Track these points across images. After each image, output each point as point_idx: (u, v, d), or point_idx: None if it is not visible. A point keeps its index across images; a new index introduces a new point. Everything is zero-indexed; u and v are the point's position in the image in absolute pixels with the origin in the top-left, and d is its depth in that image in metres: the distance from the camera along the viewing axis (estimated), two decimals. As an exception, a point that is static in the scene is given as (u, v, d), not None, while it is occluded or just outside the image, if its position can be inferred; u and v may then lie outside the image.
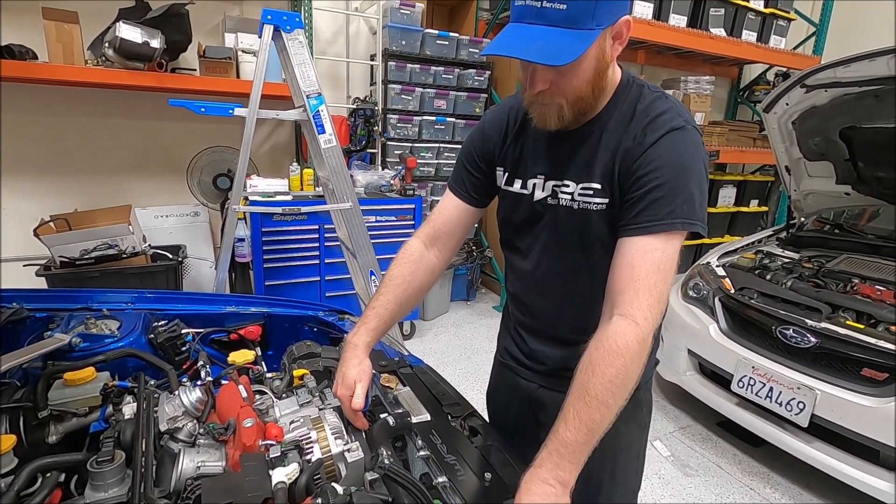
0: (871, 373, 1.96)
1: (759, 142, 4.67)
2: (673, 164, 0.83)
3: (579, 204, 0.92)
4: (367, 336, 1.02)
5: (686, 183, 0.82)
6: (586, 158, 0.92)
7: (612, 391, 0.76)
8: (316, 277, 3.15)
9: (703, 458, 2.45)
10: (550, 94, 0.84)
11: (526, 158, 1.01)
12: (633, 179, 0.85)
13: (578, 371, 0.80)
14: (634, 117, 0.88)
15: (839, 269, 2.56)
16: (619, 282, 0.83)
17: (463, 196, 1.11)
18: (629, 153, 0.86)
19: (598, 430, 0.76)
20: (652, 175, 0.83)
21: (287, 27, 2.16)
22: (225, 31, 3.17)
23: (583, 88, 0.84)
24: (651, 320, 0.79)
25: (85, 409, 1.03)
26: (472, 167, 1.09)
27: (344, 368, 0.97)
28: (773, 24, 4.57)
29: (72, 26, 2.61)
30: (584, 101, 0.86)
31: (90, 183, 3.25)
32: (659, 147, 0.84)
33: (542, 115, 0.88)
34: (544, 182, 0.97)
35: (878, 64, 2.11)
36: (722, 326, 2.49)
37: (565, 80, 0.82)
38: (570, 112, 0.86)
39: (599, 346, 0.79)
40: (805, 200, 3.09)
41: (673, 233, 0.82)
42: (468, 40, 3.77)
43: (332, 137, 2.32)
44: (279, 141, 3.82)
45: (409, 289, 1.07)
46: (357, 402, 0.93)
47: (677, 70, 4.95)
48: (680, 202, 0.81)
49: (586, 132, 0.92)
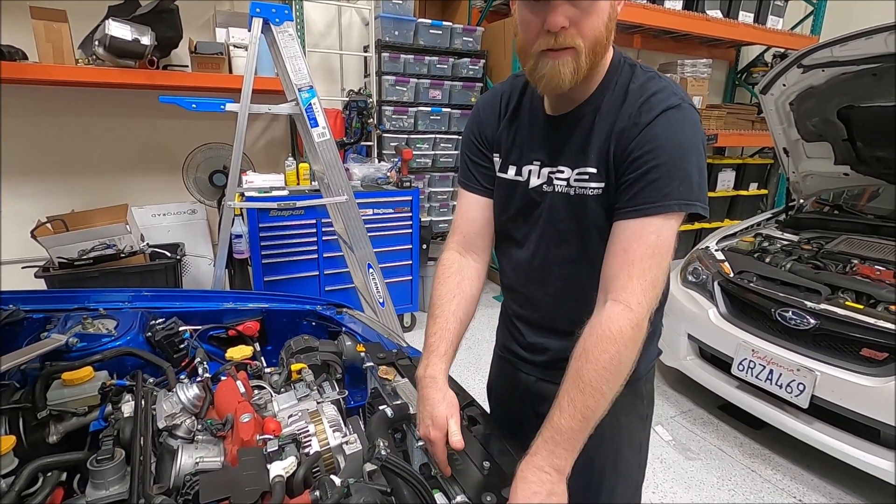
0: (871, 353, 1.97)
1: (758, 124, 4.64)
2: (670, 144, 0.80)
3: (575, 190, 0.90)
4: (440, 364, 0.93)
5: (683, 163, 0.80)
6: (580, 142, 0.89)
7: (607, 378, 0.75)
8: (315, 272, 3.15)
9: (705, 442, 2.46)
10: (569, 34, 0.78)
11: (521, 145, 0.98)
12: (629, 161, 0.82)
13: (573, 358, 0.79)
14: (628, 97, 0.85)
15: (838, 249, 2.55)
16: (612, 266, 0.82)
17: (476, 189, 1.06)
18: (624, 134, 0.83)
19: (593, 416, 0.76)
20: (648, 156, 0.80)
21: (276, 20, 2.14)
22: (216, 26, 3.14)
23: (601, 30, 0.79)
24: (645, 305, 0.78)
25: (84, 408, 1.03)
26: (476, 157, 1.05)
27: (429, 408, 0.87)
28: (770, 4, 4.52)
29: (61, 25, 2.59)
30: (600, 49, 0.81)
31: (86, 183, 3.25)
32: (655, 127, 0.81)
33: (555, 70, 0.80)
34: (540, 169, 0.95)
35: (876, 41, 2.08)
36: (721, 310, 2.49)
37: (586, 16, 0.77)
38: (586, 61, 0.80)
39: (593, 332, 0.78)
40: (804, 182, 3.08)
41: (669, 214, 0.79)
42: (462, 29, 3.74)
43: (325, 131, 2.31)
44: (275, 136, 3.80)
45: (461, 301, 1.00)
46: (456, 440, 0.84)
47: (674, 54, 4.91)
48: (677, 184, 0.79)
49: (579, 115, 0.90)
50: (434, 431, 0.85)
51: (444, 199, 4.02)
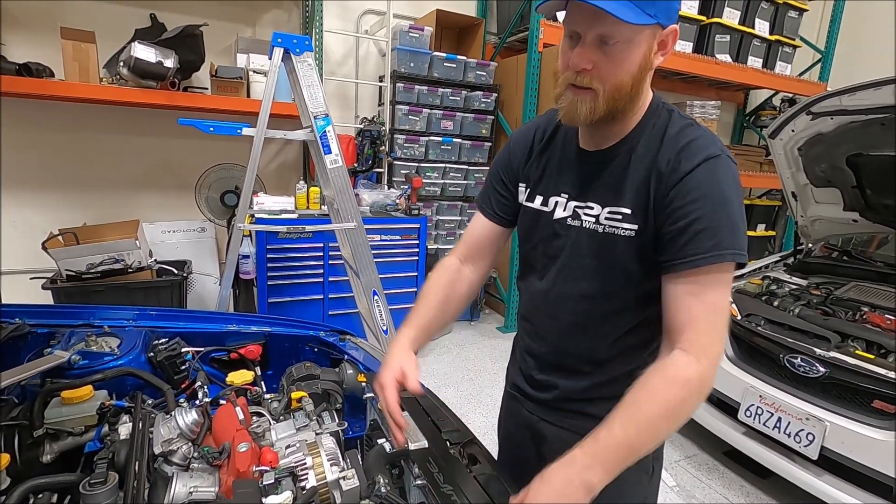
0: (882, 405, 1.92)
1: (766, 166, 4.68)
2: (713, 193, 0.79)
3: (605, 228, 0.89)
4: (410, 332, 1.01)
5: (729, 212, 0.79)
6: (614, 181, 0.89)
7: (667, 419, 0.76)
8: (319, 295, 3.15)
9: (710, 489, 2.39)
10: (590, 76, 0.80)
11: (550, 176, 0.99)
12: (672, 210, 0.81)
13: (632, 391, 0.77)
14: (664, 142, 0.85)
15: (848, 296, 2.52)
16: (675, 319, 0.81)
17: (489, 215, 1.10)
18: (664, 179, 0.82)
19: (639, 452, 0.75)
20: (693, 206, 0.79)
21: (297, 50, 2.20)
22: (237, 52, 3.24)
23: (624, 80, 0.80)
24: (714, 358, 0.78)
25: (81, 427, 1.02)
26: (498, 186, 1.09)
27: (387, 358, 0.95)
28: (778, 50, 4.62)
29: (88, 45, 2.68)
30: (621, 97, 0.81)
31: (100, 197, 3.30)
32: (697, 175, 0.80)
33: (573, 106, 0.83)
34: (567, 202, 0.95)
35: (884, 93, 2.11)
36: (729, 353, 2.45)
37: (611, 63, 0.79)
38: (603, 104, 0.81)
39: (659, 373, 0.78)
40: (812, 226, 3.07)
41: (723, 265, 0.79)
42: (476, 63, 3.83)
43: (338, 158, 2.34)
44: (287, 159, 3.87)
45: (449, 295, 1.07)
46: (413, 385, 0.90)
47: (683, 94, 4.99)
48: (725, 233, 0.78)
49: (614, 153, 0.90)
50: (387, 373, 0.90)
51: (451, 227, 4.04)
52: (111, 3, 3.08)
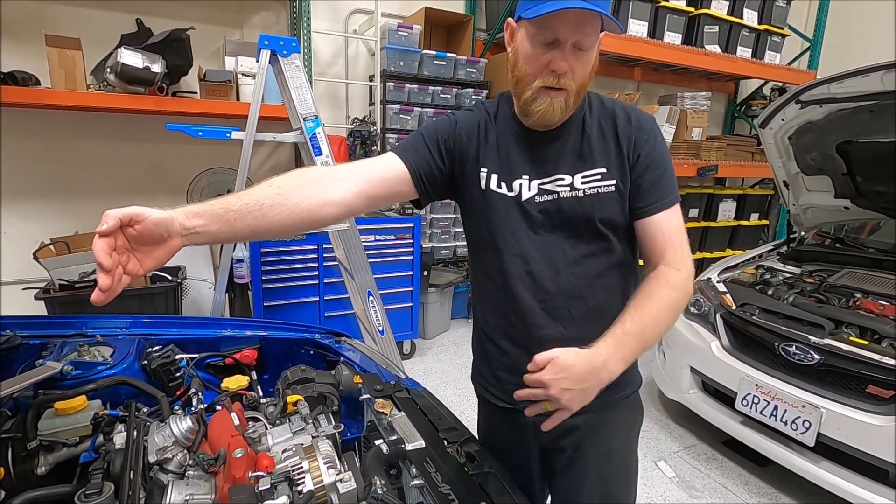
0: (877, 390, 1.93)
1: (758, 156, 4.69)
2: (663, 152, 1.01)
3: (585, 191, 0.98)
4: (185, 209, 0.82)
5: (670, 165, 1.01)
6: (576, 150, 1.00)
7: (667, 313, 0.91)
8: (315, 298, 3.14)
9: (709, 479, 2.40)
10: (567, 78, 0.90)
11: (505, 163, 1.02)
12: (643, 167, 0.98)
13: (637, 297, 0.93)
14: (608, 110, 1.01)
15: (841, 283, 2.54)
16: (656, 245, 0.98)
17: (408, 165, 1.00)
18: (632, 141, 0.98)
19: (648, 343, 0.89)
20: (655, 164, 0.98)
21: (284, 52, 2.19)
22: (225, 55, 3.22)
23: (587, 77, 0.93)
24: (690, 269, 0.97)
25: (75, 438, 1.01)
26: (432, 147, 1.03)
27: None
28: (767, 40, 4.63)
29: (74, 52, 2.65)
30: (583, 91, 0.96)
31: (92, 205, 3.27)
32: (656, 138, 1.00)
33: (550, 107, 0.93)
34: (529, 182, 1.01)
35: (872, 79, 2.12)
36: (724, 343, 2.46)
37: (581, 65, 0.91)
38: (574, 101, 0.94)
39: (653, 281, 0.93)
40: (804, 214, 3.09)
41: (676, 205, 1.01)
42: (466, 60, 3.82)
43: (328, 159, 2.34)
44: (279, 161, 3.85)
45: (289, 196, 0.96)
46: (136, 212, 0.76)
47: (674, 86, 5.00)
48: (672, 183, 1.01)
49: (566, 130, 1.00)
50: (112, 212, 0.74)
51: (445, 225, 4.04)
52: (96, 10, 3.05)
